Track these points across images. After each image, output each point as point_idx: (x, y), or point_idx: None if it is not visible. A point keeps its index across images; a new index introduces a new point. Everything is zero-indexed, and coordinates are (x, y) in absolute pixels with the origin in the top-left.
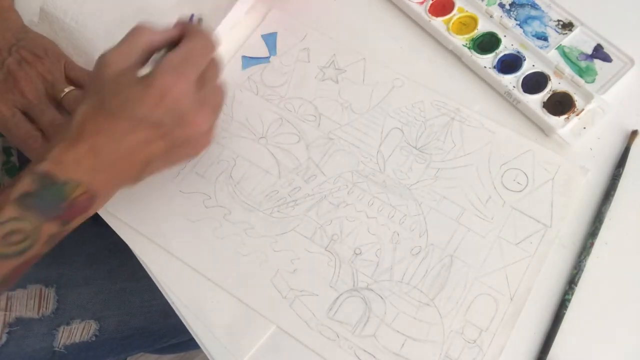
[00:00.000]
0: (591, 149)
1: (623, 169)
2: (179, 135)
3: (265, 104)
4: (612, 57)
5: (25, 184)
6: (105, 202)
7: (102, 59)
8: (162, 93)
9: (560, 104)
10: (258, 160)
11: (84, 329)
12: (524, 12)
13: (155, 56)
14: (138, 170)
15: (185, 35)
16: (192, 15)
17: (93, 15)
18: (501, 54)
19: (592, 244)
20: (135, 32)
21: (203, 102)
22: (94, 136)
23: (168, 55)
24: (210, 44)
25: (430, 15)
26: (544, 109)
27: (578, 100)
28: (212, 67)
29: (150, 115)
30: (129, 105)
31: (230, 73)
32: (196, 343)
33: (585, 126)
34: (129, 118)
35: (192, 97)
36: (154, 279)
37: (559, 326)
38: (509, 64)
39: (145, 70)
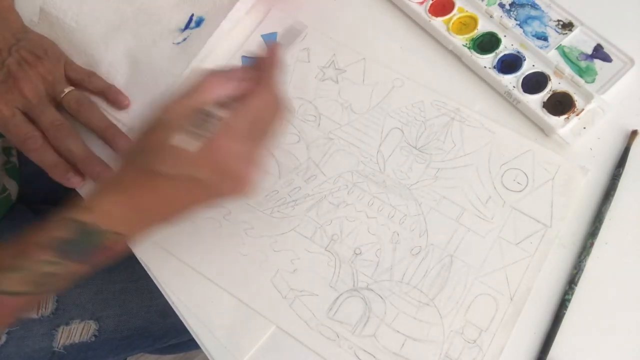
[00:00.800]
0: (591, 149)
1: (623, 169)
2: (222, 189)
3: None
4: (612, 57)
5: (64, 230)
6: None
7: (163, 109)
8: (214, 154)
9: (560, 104)
10: None
11: (83, 329)
12: (524, 12)
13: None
14: (175, 217)
15: (253, 90)
16: (192, 15)
17: (93, 15)
18: (501, 54)
19: (592, 244)
20: (206, 84)
21: (249, 156)
22: (134, 189)
23: (231, 115)
24: (269, 104)
25: (430, 15)
26: (544, 109)
27: (578, 100)
28: (269, 118)
29: (193, 173)
30: (173, 162)
31: None
32: (196, 343)
33: (585, 126)
34: (170, 177)
35: (238, 155)
36: (153, 279)
37: (559, 326)
38: (509, 64)
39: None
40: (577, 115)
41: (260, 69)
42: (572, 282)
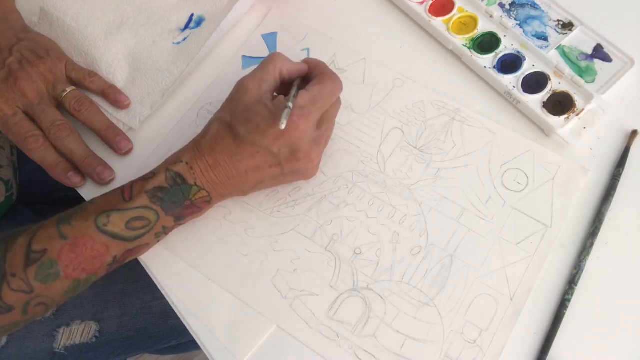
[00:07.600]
0: (591, 149)
1: (623, 169)
2: (291, 166)
3: None
4: (612, 57)
5: (160, 179)
6: (212, 207)
7: (240, 84)
8: (285, 130)
9: (560, 104)
10: None
11: (84, 330)
12: (524, 12)
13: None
14: (249, 187)
15: (316, 76)
16: (192, 15)
17: (93, 15)
18: (501, 54)
19: (592, 244)
20: (269, 60)
21: (318, 140)
22: (220, 153)
23: (299, 94)
24: (337, 88)
25: (430, 15)
26: (544, 109)
27: (578, 100)
28: (333, 106)
29: (270, 146)
30: (255, 134)
31: (231, 73)
32: (196, 345)
33: (585, 126)
34: (252, 144)
35: (310, 136)
36: (154, 280)
37: (559, 326)
38: (509, 64)
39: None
40: (577, 115)
41: (314, 65)
42: (572, 282)
